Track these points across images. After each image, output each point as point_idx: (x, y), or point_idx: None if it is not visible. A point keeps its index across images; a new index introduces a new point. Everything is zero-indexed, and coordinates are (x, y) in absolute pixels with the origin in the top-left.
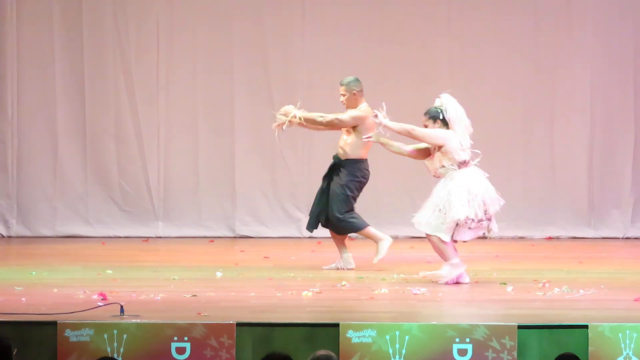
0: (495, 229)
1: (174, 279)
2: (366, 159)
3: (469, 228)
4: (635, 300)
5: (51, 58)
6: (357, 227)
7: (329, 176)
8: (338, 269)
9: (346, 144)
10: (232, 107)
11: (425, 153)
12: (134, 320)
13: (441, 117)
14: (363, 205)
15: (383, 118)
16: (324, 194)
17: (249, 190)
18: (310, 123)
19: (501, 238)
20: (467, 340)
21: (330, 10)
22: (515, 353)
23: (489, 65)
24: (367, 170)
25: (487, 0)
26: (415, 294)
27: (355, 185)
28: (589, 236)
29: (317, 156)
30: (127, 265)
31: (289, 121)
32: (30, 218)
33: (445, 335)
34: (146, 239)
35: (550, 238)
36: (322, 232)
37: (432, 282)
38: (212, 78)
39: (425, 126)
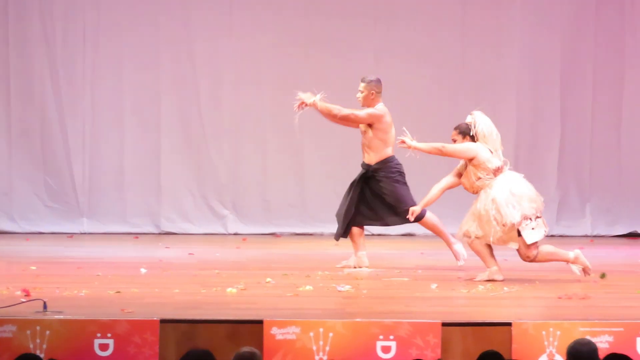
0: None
1: (98, 275)
2: (393, 155)
3: (532, 229)
4: (559, 298)
5: None
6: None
7: (364, 184)
8: (354, 267)
9: (371, 147)
10: (158, 104)
11: (460, 174)
12: (57, 317)
13: (471, 134)
14: (290, 201)
15: (411, 141)
16: (363, 201)
17: (175, 187)
18: (326, 113)
19: (426, 236)
20: (391, 337)
21: (258, 6)
22: (438, 350)
23: (413, 63)
24: (399, 163)
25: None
26: (339, 291)
27: (399, 179)
28: None
29: (243, 153)
30: (51, 261)
31: (308, 104)
32: None
33: (369, 332)
34: (71, 235)
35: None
36: (247, 228)
37: (357, 278)
38: (139, 75)
39: (454, 141)
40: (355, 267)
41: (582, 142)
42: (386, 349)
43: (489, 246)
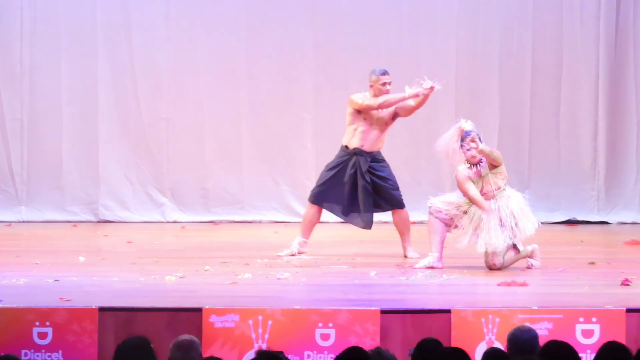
0: None
1: (37, 263)
2: None
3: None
4: (498, 285)
5: None
6: None
7: (367, 173)
8: (294, 254)
9: (384, 138)
10: (96, 92)
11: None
12: None
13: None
14: (229, 189)
15: (481, 143)
16: (367, 192)
17: (113, 175)
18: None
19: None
20: (330, 325)
21: None
22: (377, 338)
23: (350, 49)
24: None
25: None
26: (278, 279)
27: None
28: None
29: (181, 141)
30: None
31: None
32: None
33: (308, 320)
34: (9, 223)
35: (414, 223)
36: (185, 216)
37: (296, 266)
38: (76, 63)
39: (475, 146)
40: (293, 254)
41: (521, 128)
42: (325, 337)
43: (445, 232)
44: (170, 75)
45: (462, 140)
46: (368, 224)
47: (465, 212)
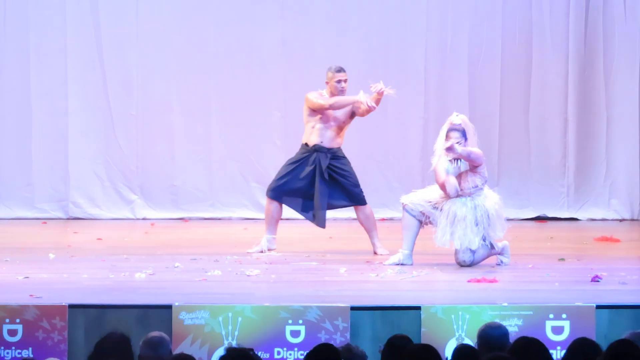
0: None
1: (7, 260)
2: None
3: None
4: (468, 281)
5: None
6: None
7: (327, 170)
8: (262, 251)
9: (343, 134)
10: (65, 88)
11: None
12: None
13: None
14: (198, 186)
15: (458, 146)
16: (323, 190)
17: (83, 172)
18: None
19: (335, 219)
20: (300, 321)
21: None
22: (348, 334)
23: (320, 46)
24: None
25: None
26: (248, 276)
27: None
28: None
29: (151, 138)
30: None
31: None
32: None
33: (278, 316)
34: None
35: (383, 220)
36: (155, 213)
37: (265, 263)
38: (46, 59)
39: (458, 143)
40: (263, 251)
41: (491, 125)
42: (295, 334)
43: (419, 229)
44: (140, 72)
45: (448, 132)
46: (321, 222)
47: (442, 210)
